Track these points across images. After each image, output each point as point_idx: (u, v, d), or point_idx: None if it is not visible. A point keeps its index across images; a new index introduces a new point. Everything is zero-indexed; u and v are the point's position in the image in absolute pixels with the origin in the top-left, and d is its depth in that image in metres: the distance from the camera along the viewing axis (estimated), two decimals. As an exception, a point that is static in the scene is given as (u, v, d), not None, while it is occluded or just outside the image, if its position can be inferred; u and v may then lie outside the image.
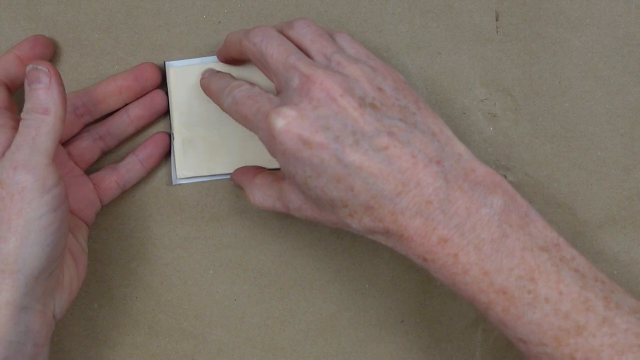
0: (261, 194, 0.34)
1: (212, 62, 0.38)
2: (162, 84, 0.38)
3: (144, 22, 0.39)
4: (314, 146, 0.28)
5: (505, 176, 0.39)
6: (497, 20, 0.39)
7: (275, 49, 0.31)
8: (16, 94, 0.37)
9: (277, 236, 0.40)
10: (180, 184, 0.39)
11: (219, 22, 0.39)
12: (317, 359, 0.40)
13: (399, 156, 0.28)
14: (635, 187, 0.39)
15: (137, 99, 0.37)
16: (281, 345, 0.39)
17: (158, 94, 0.38)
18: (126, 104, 0.37)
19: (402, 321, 0.40)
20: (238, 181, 0.36)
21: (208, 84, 0.35)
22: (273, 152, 0.29)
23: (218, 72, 0.36)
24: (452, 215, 0.27)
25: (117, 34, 0.38)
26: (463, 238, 0.27)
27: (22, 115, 0.31)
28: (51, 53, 0.36)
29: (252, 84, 0.32)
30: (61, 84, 0.31)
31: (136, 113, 0.37)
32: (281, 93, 0.30)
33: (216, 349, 0.40)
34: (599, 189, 0.39)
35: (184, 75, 0.38)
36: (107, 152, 0.37)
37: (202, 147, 0.38)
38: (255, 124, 0.30)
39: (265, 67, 0.31)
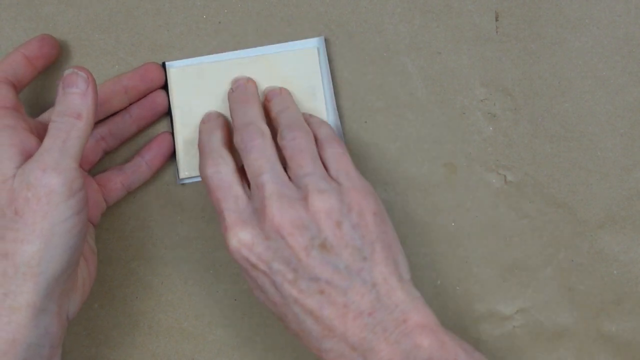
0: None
1: (211, 62, 0.38)
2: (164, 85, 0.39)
3: (145, 22, 0.39)
4: (258, 271, 0.30)
5: (505, 177, 0.40)
6: (497, 20, 0.39)
7: (252, 159, 0.32)
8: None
9: None
10: (182, 184, 0.39)
11: (219, 22, 0.39)
12: (316, 358, 0.39)
13: (332, 303, 0.29)
14: (635, 187, 0.39)
15: (140, 99, 0.38)
16: (281, 345, 0.39)
17: (159, 95, 0.38)
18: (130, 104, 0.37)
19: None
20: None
21: (200, 131, 0.36)
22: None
23: (214, 122, 0.36)
24: None
25: (117, 34, 0.39)
26: None
27: (53, 117, 0.31)
28: (58, 53, 0.36)
29: (233, 165, 0.33)
30: (96, 91, 0.32)
31: (138, 113, 0.37)
32: (251, 198, 0.32)
33: (216, 349, 0.40)
34: (599, 189, 0.39)
35: (185, 76, 0.38)
36: (109, 152, 0.37)
37: None
38: (219, 218, 0.32)
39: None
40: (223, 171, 0.32)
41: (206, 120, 0.37)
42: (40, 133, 0.32)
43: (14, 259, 0.29)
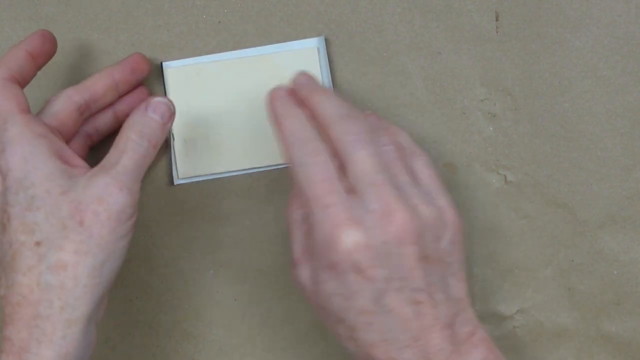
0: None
1: (210, 62, 0.38)
2: (160, 84, 0.39)
3: (144, 22, 0.39)
4: (364, 276, 0.29)
5: (505, 177, 0.40)
6: (497, 20, 0.39)
7: (367, 156, 0.30)
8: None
9: (277, 236, 0.40)
10: (180, 184, 0.39)
11: (219, 22, 0.39)
12: (317, 359, 0.40)
13: (426, 315, 0.30)
14: (635, 187, 0.39)
15: (127, 93, 0.38)
16: (281, 345, 0.40)
17: (144, 92, 0.38)
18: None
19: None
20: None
21: (280, 118, 0.33)
22: (320, 252, 0.30)
23: (296, 108, 0.33)
24: None
25: (117, 34, 0.39)
26: None
27: (133, 135, 0.32)
28: (55, 49, 0.37)
29: (328, 156, 0.31)
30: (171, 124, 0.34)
31: (122, 111, 0.37)
32: (353, 198, 0.30)
33: (216, 349, 0.39)
34: (599, 189, 0.39)
35: (182, 76, 0.38)
36: (92, 148, 0.38)
37: (203, 146, 0.38)
38: (315, 212, 0.30)
39: (333, 145, 0.31)
40: (321, 159, 0.31)
41: (277, 100, 0.34)
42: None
43: (75, 271, 0.29)
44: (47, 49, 0.36)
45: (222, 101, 0.39)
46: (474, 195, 0.41)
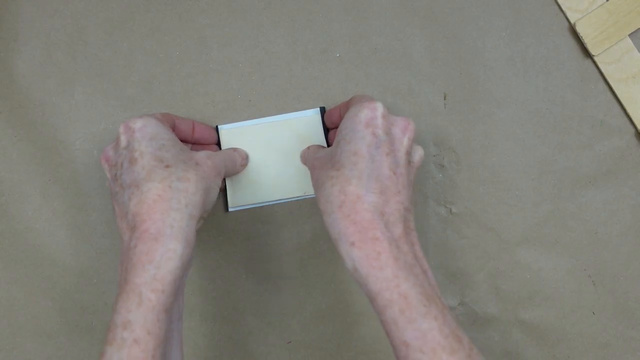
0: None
1: (248, 125, 0.42)
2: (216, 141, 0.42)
3: (197, 101, 0.43)
4: (373, 131, 0.32)
5: (450, 209, 0.43)
6: (445, 99, 0.43)
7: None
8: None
9: (290, 251, 0.43)
10: (232, 211, 0.42)
11: (249, 100, 0.44)
12: (318, 337, 0.43)
13: (395, 184, 0.31)
14: (543, 217, 0.43)
15: (198, 144, 0.42)
16: (293, 328, 0.43)
17: (214, 148, 0.43)
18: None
19: (379, 311, 0.42)
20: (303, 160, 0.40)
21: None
22: (351, 117, 0.33)
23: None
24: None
25: (176, 109, 0.43)
26: (391, 245, 0.29)
27: (229, 149, 0.37)
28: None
29: None
30: None
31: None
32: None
33: (218, 348, 0.42)
34: (517, 217, 0.43)
35: (231, 134, 0.42)
36: None
37: (246, 183, 0.42)
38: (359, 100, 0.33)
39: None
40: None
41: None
42: None
43: (195, 184, 0.32)
44: (196, 137, 0.41)
45: (258, 151, 0.42)
46: (429, 222, 0.43)
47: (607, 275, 0.43)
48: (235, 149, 0.40)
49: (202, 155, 0.35)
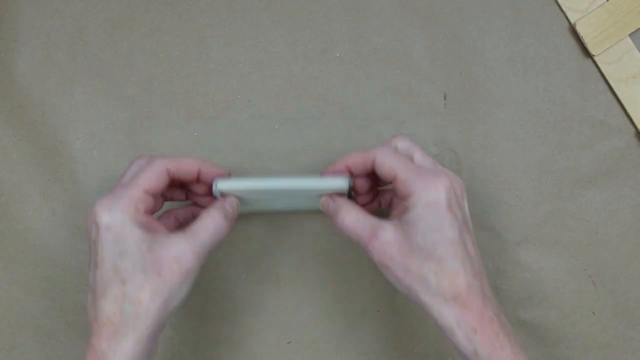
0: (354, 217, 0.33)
1: (249, 181, 0.37)
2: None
3: (197, 100, 0.44)
4: (452, 212, 0.31)
5: None
6: (445, 99, 0.43)
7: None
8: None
9: (289, 243, 0.43)
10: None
11: (249, 100, 0.43)
12: (320, 337, 0.43)
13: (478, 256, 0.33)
14: (543, 217, 0.43)
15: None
16: (294, 327, 0.43)
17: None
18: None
19: (379, 311, 0.42)
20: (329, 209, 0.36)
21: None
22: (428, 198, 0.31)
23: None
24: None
25: (177, 109, 0.43)
26: (499, 320, 0.31)
27: (218, 217, 0.34)
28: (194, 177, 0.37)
29: None
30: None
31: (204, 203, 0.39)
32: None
33: (219, 348, 0.42)
34: (517, 217, 0.43)
35: (229, 186, 0.37)
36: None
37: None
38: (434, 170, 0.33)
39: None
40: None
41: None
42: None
43: (148, 306, 0.31)
44: (214, 175, 0.37)
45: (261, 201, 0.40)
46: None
47: (607, 275, 0.43)
48: (225, 199, 0.36)
49: (172, 255, 0.32)
